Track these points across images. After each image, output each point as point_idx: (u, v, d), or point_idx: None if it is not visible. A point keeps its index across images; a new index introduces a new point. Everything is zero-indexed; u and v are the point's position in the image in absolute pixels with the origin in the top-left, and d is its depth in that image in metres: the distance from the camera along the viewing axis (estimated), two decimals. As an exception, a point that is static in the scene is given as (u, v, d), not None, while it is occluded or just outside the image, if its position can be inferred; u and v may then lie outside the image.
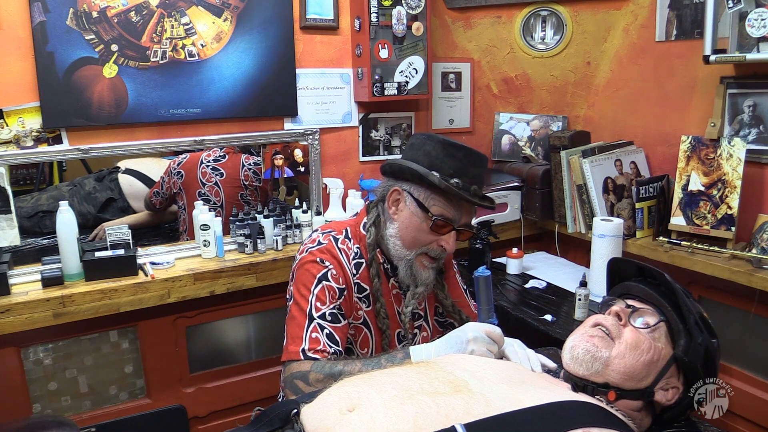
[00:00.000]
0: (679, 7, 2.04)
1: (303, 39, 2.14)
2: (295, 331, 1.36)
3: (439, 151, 1.40)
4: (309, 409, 1.10)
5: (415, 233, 1.42)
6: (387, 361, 1.29)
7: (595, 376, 1.13)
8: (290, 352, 1.35)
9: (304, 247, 1.48)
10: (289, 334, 1.38)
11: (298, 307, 1.39)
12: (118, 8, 1.84)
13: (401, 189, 1.43)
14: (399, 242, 1.44)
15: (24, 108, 1.79)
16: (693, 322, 1.14)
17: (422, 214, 1.40)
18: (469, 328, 1.26)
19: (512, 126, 2.57)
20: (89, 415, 1.95)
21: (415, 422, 0.96)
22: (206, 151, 2.57)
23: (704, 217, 1.88)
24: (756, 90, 1.82)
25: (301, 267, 1.43)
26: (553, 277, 2.17)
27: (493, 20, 2.49)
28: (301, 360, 1.32)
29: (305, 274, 1.41)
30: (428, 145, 1.41)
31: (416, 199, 1.41)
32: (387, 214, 1.47)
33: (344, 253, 1.46)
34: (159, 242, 2.28)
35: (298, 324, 1.36)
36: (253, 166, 2.57)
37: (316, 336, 1.34)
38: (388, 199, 1.46)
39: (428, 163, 1.39)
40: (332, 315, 1.38)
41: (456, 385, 1.07)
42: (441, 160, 1.39)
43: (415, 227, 1.42)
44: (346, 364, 1.30)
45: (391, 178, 1.47)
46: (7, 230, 1.78)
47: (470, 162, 1.40)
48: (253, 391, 2.17)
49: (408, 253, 1.44)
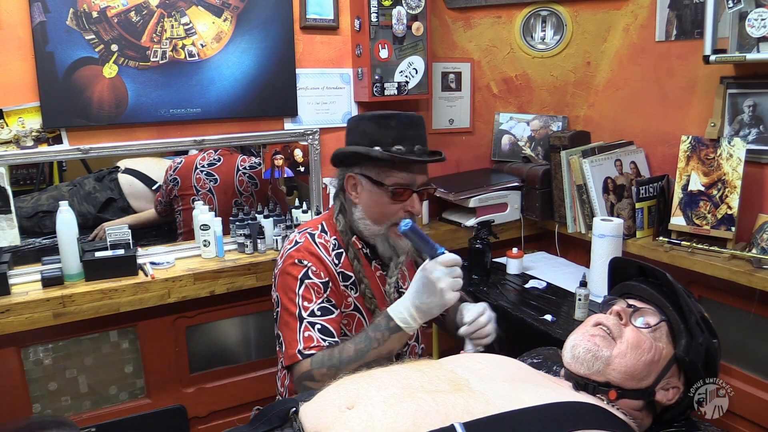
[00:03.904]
0: (679, 7, 2.04)
1: (303, 39, 2.14)
2: (290, 335, 1.40)
3: (373, 127, 1.47)
4: (308, 407, 1.09)
5: (379, 208, 1.48)
6: (373, 331, 1.34)
7: (596, 375, 1.13)
8: (290, 356, 1.39)
9: (283, 251, 1.52)
10: (285, 340, 1.42)
11: (287, 311, 1.43)
12: (118, 8, 1.83)
13: (353, 174, 1.50)
14: (368, 221, 1.50)
15: (24, 108, 1.79)
16: (694, 322, 1.14)
17: (379, 190, 1.47)
18: (428, 268, 1.28)
19: (512, 126, 2.57)
20: (89, 415, 1.95)
21: (415, 420, 0.96)
22: (202, 153, 2.54)
23: (704, 217, 1.88)
24: (756, 90, 1.82)
25: (282, 273, 1.47)
26: (553, 277, 2.17)
27: (493, 20, 2.49)
28: (300, 361, 1.36)
29: (287, 278, 1.45)
30: (362, 125, 1.49)
31: (369, 178, 1.47)
32: (349, 201, 1.53)
33: (323, 247, 1.50)
34: (159, 242, 2.28)
35: (291, 328, 1.40)
36: (248, 170, 2.52)
37: (309, 334, 1.38)
38: (346, 186, 1.52)
39: (368, 141, 1.46)
40: (321, 309, 1.42)
41: (456, 383, 1.07)
42: (378, 134, 1.46)
43: (377, 203, 1.48)
44: (341, 350, 1.35)
45: (342, 167, 1.54)
46: (7, 230, 1.78)
47: (405, 126, 1.47)
48: (253, 391, 2.17)
49: (380, 229, 1.50)
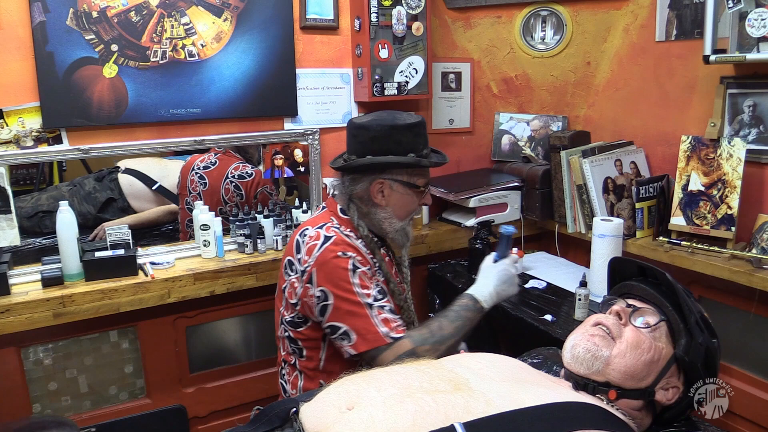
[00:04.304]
0: (679, 7, 2.04)
1: (303, 39, 2.15)
2: (362, 323, 1.44)
3: (408, 136, 1.55)
4: (308, 408, 1.09)
5: (408, 207, 1.60)
6: (464, 311, 1.49)
7: (595, 374, 1.14)
8: (371, 340, 1.42)
9: (310, 247, 1.50)
10: (355, 329, 1.44)
11: (347, 302, 1.45)
12: (118, 8, 1.84)
13: (384, 179, 1.56)
14: (394, 220, 1.60)
15: (24, 108, 1.79)
16: (694, 322, 1.14)
17: (412, 191, 1.58)
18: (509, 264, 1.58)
19: (512, 126, 2.57)
20: (89, 415, 1.96)
21: (415, 421, 0.96)
22: (204, 155, 2.53)
23: (704, 217, 1.88)
24: (756, 90, 1.82)
25: (325, 267, 1.47)
26: (553, 277, 2.17)
27: (493, 20, 2.49)
28: (389, 343, 1.41)
29: (335, 271, 1.46)
30: (395, 134, 1.54)
31: (401, 182, 1.57)
32: (371, 204, 1.58)
33: (353, 240, 1.55)
34: (159, 242, 2.28)
35: (360, 315, 1.44)
36: (236, 179, 2.45)
37: (384, 317, 1.45)
38: (371, 191, 1.57)
39: (402, 149, 1.54)
40: (379, 293, 1.49)
41: (456, 383, 1.07)
42: (413, 142, 1.55)
43: (408, 202, 1.59)
44: (438, 328, 1.46)
45: (368, 174, 1.57)
46: (7, 230, 1.78)
47: (424, 131, 1.60)
48: (253, 391, 2.17)
49: (404, 223, 1.62)
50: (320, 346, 1.57)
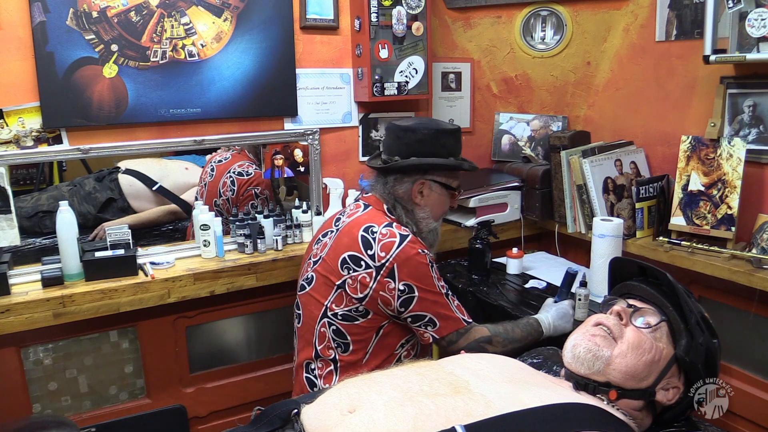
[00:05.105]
0: (679, 7, 2.04)
1: (303, 39, 2.14)
2: (444, 310, 1.58)
3: (451, 140, 1.69)
4: (309, 410, 1.10)
5: (443, 207, 1.73)
6: (531, 327, 1.65)
7: (596, 375, 1.14)
8: (452, 326, 1.57)
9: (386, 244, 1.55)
10: (439, 316, 1.57)
11: (431, 293, 1.56)
12: (118, 8, 1.84)
13: (426, 179, 1.67)
14: (431, 220, 1.71)
15: (24, 108, 1.79)
16: (694, 323, 1.14)
17: (448, 192, 1.71)
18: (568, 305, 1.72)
19: (512, 126, 2.57)
20: (89, 415, 1.96)
21: (415, 424, 0.97)
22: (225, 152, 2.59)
23: (704, 217, 1.88)
24: (756, 90, 1.82)
25: (407, 263, 1.55)
26: (553, 277, 2.17)
27: (493, 20, 2.49)
28: (467, 327, 1.59)
29: (419, 267, 1.56)
30: (441, 138, 1.67)
31: (440, 183, 1.68)
32: (411, 204, 1.69)
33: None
34: (159, 242, 2.28)
35: (441, 304, 1.58)
36: (234, 175, 2.51)
37: (458, 304, 1.62)
38: (412, 191, 1.68)
39: (445, 152, 1.67)
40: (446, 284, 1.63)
41: (456, 386, 1.07)
42: (454, 146, 1.69)
43: (444, 203, 1.72)
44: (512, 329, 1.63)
45: (412, 174, 1.67)
46: (7, 230, 1.78)
47: (461, 137, 1.74)
48: (253, 391, 2.17)
49: (438, 223, 1.74)
50: (371, 338, 1.61)
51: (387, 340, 1.63)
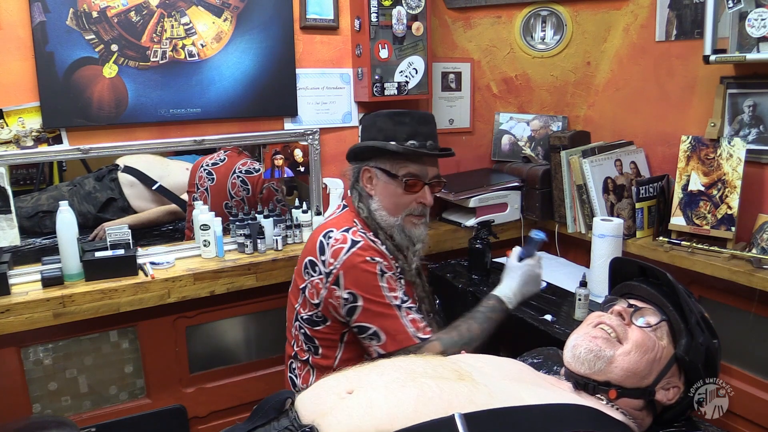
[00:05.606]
0: (679, 7, 2.04)
1: (303, 39, 2.14)
2: (392, 324, 1.47)
3: (389, 123, 1.60)
4: (305, 395, 1.08)
5: (394, 199, 1.60)
6: (491, 312, 1.54)
7: (596, 374, 1.13)
8: (400, 341, 1.46)
9: (335, 251, 1.50)
10: (385, 330, 1.47)
11: (377, 304, 1.48)
12: (118, 8, 1.83)
13: (369, 167, 1.61)
14: (384, 212, 1.61)
15: (24, 108, 1.79)
16: (694, 322, 1.14)
17: (393, 181, 1.59)
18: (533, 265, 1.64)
19: (512, 126, 2.57)
20: (89, 415, 1.96)
21: (416, 407, 0.94)
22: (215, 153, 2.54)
23: (704, 217, 1.88)
24: (756, 90, 1.82)
25: (353, 270, 1.48)
26: (553, 277, 2.17)
27: (493, 20, 2.49)
28: (417, 344, 1.45)
29: (363, 275, 1.48)
30: (378, 121, 1.61)
31: (384, 170, 1.60)
32: (365, 192, 1.63)
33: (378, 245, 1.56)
34: (159, 242, 2.28)
35: (389, 316, 1.47)
36: (243, 174, 2.47)
37: (412, 317, 1.49)
38: (362, 179, 1.63)
39: (383, 136, 1.59)
40: (405, 294, 1.52)
41: (460, 374, 1.06)
42: (393, 130, 1.59)
43: (392, 193, 1.60)
44: (467, 329, 1.50)
45: (357, 161, 1.65)
46: (7, 230, 1.78)
47: (418, 123, 1.61)
48: (253, 391, 2.17)
49: (396, 219, 1.61)
50: (337, 346, 1.58)
51: (355, 348, 1.58)
